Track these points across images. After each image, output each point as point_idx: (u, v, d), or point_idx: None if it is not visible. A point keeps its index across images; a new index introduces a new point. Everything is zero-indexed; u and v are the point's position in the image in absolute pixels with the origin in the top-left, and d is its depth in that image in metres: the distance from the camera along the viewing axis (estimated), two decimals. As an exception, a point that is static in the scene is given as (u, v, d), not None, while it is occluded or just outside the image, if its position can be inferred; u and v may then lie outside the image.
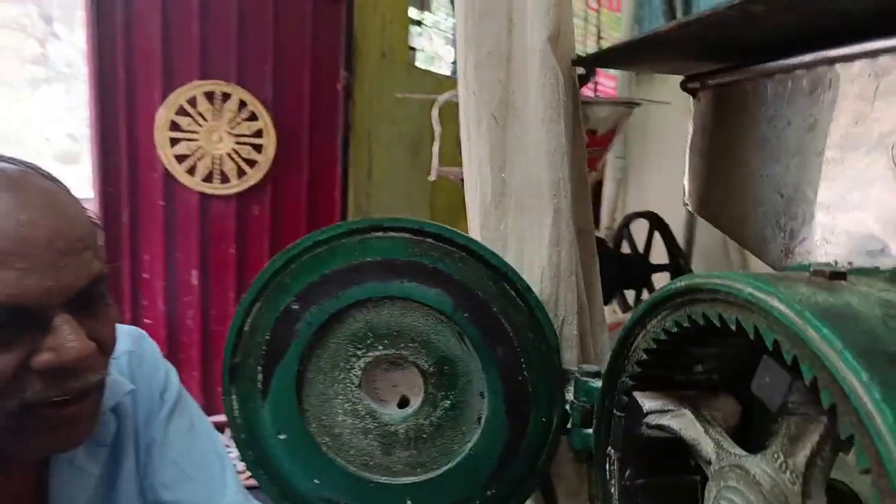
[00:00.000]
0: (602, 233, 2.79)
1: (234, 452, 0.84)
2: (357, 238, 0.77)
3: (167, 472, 0.84)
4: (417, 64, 3.64)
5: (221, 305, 2.60)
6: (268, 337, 0.78)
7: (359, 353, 0.79)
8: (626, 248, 2.32)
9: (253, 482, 0.82)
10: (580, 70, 0.93)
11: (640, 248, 2.24)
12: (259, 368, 0.79)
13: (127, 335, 0.83)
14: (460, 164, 0.89)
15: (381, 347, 0.78)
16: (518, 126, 0.81)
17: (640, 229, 2.25)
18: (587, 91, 2.54)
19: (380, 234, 0.77)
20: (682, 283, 0.58)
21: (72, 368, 0.61)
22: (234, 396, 0.81)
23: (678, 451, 0.69)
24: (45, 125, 2.97)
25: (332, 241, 0.77)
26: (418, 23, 4.05)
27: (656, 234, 2.18)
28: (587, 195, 0.91)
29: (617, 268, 2.14)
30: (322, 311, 0.77)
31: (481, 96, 0.81)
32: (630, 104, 1.85)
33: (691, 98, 0.84)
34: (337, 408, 0.80)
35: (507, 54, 0.80)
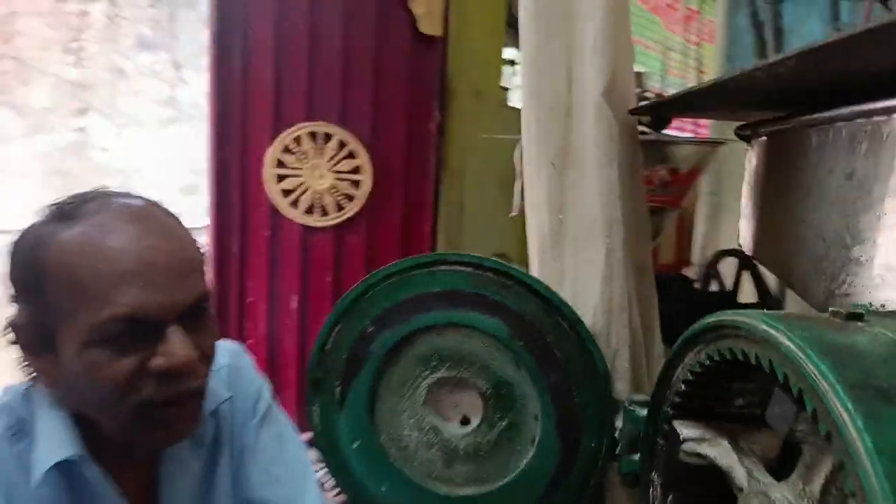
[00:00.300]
0: (693, 270, 2.75)
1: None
2: (426, 270, 0.87)
3: (256, 474, 0.95)
4: (510, 103, 3.76)
5: (318, 330, 2.76)
6: (346, 355, 0.89)
7: (425, 373, 0.88)
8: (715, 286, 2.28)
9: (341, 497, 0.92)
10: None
11: (729, 286, 2.20)
12: (338, 383, 0.89)
13: (227, 350, 0.96)
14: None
15: (444, 369, 0.87)
16: (575, 172, 0.88)
17: (729, 267, 2.22)
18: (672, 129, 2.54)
19: (445, 267, 0.86)
20: (711, 319, 0.63)
21: (179, 372, 0.72)
22: (315, 408, 0.91)
23: (720, 481, 0.72)
24: (172, 160, 3.33)
25: (404, 273, 0.87)
26: (512, 62, 4.18)
27: (746, 273, 2.14)
28: (647, 234, 0.96)
29: (704, 307, 2.11)
30: (394, 335, 0.87)
31: (542, 146, 0.89)
32: (715, 143, 1.86)
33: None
34: (404, 422, 0.89)
35: (566, 107, 0.88)
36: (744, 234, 0.86)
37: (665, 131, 1.94)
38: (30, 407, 0.77)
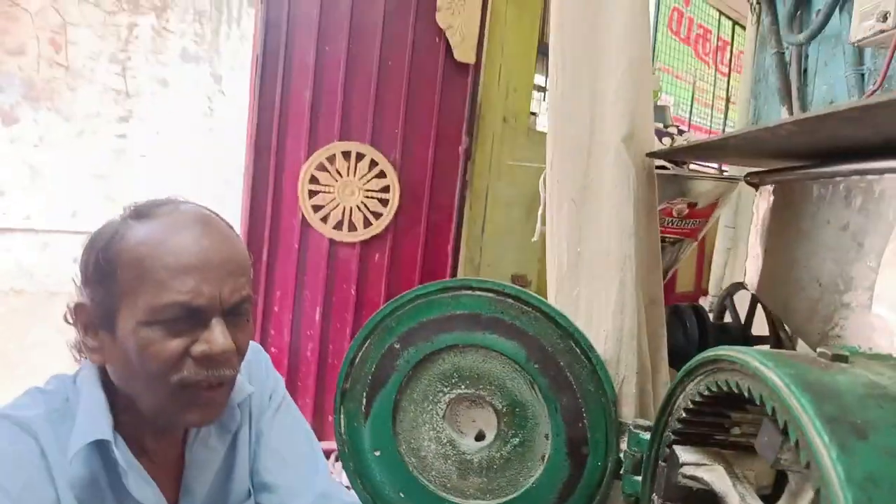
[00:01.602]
0: (708, 301, 2.78)
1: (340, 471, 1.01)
2: (450, 294, 0.94)
3: (269, 459, 1.02)
4: (538, 128, 3.84)
5: (338, 341, 2.85)
6: (373, 369, 0.96)
7: (445, 389, 0.94)
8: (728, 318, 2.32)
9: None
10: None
11: (743, 318, 2.23)
12: (364, 394, 0.96)
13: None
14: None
15: (463, 387, 0.94)
16: (593, 208, 0.95)
17: (743, 299, 2.26)
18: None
19: (468, 292, 0.93)
20: (710, 353, 0.69)
21: (217, 359, 0.81)
22: (342, 416, 0.99)
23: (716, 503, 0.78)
24: (205, 169, 3.46)
25: (430, 295, 0.95)
26: (542, 88, 4.27)
27: (760, 307, 2.18)
28: (658, 269, 1.02)
29: (716, 337, 2.16)
30: (418, 352, 0.94)
31: (564, 184, 0.96)
32: (733, 180, 1.91)
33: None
34: (424, 434, 0.95)
35: (587, 149, 0.95)
36: (750, 273, 0.92)
37: (685, 166, 1.99)
38: (76, 391, 0.87)
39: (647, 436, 0.84)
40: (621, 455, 0.89)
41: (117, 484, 0.83)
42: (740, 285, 2.26)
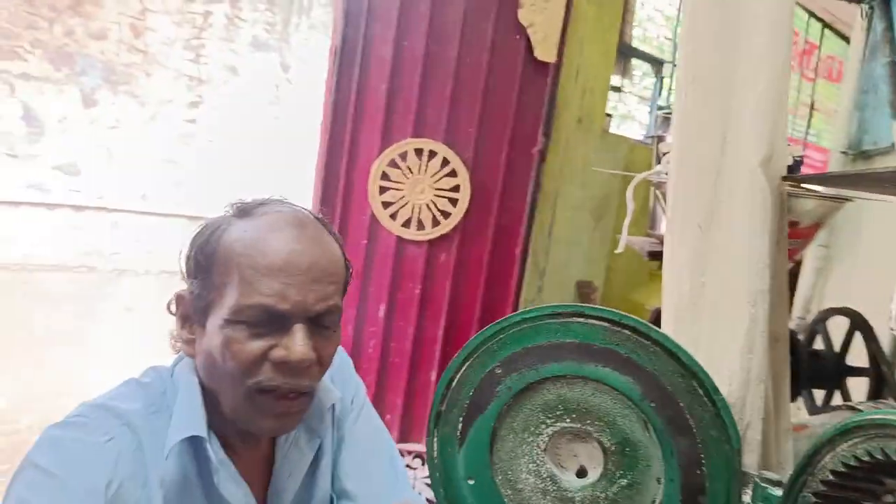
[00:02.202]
0: (793, 322, 2.63)
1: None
2: (560, 320, 0.88)
3: (350, 465, 0.99)
4: (612, 130, 3.73)
5: (401, 339, 2.82)
6: (472, 393, 0.91)
7: (548, 421, 0.88)
8: (818, 344, 2.18)
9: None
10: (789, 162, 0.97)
11: (837, 346, 2.10)
12: (460, 419, 0.91)
13: None
14: (645, 235, 0.96)
15: (568, 420, 0.87)
16: (722, 236, 0.87)
17: (837, 326, 2.12)
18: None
19: (581, 319, 0.87)
20: (876, 415, 0.61)
21: (294, 367, 0.78)
22: (436, 439, 0.94)
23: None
24: (271, 159, 3.50)
25: (538, 320, 0.88)
26: (618, 89, 4.15)
27: (857, 335, 2.04)
28: (786, 305, 0.94)
29: (808, 365, 2.03)
30: (522, 379, 0.88)
31: (688, 205, 0.88)
32: (839, 199, 1.78)
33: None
34: (522, 466, 0.90)
35: (717, 169, 0.87)
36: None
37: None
38: (173, 385, 0.86)
39: (776, 492, 0.77)
40: (744, 509, 0.81)
41: (207, 482, 0.82)
42: (836, 311, 2.12)
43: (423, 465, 2.74)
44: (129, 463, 0.77)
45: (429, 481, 1.49)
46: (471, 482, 0.91)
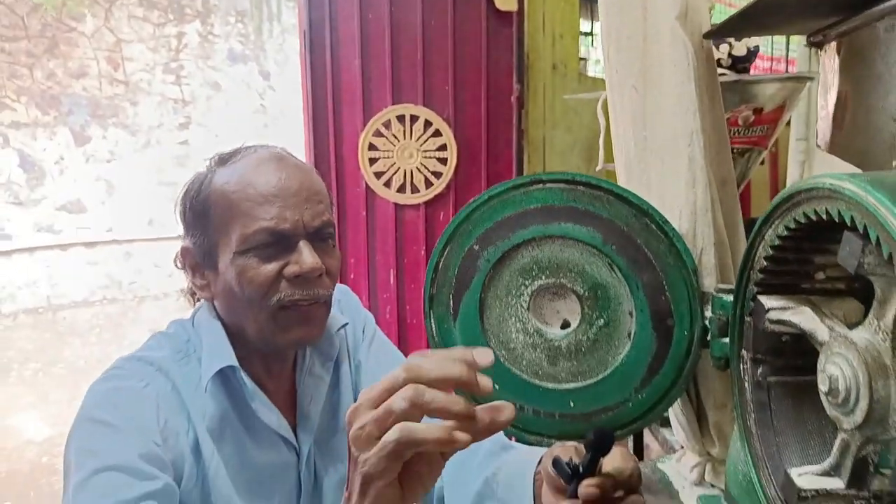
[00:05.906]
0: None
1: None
2: (521, 191, 0.98)
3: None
4: (589, 73, 3.80)
5: (414, 301, 2.93)
6: (456, 272, 1.01)
7: (527, 282, 0.98)
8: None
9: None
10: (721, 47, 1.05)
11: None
12: (450, 297, 1.02)
13: (338, 288, 1.11)
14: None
15: (544, 277, 0.97)
16: (656, 92, 0.96)
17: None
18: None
19: (540, 185, 0.97)
20: (784, 192, 0.70)
21: (309, 278, 0.88)
22: (432, 320, 1.04)
23: (805, 353, 0.79)
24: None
25: (503, 195, 0.98)
26: (588, 33, 4.22)
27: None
28: (727, 149, 1.03)
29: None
30: (497, 250, 0.98)
31: (623, 72, 0.98)
32: (799, 79, 1.84)
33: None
34: (511, 327, 1.00)
35: (643, 35, 0.96)
36: (822, 135, 0.91)
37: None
38: (196, 331, 0.96)
39: (730, 298, 0.86)
40: (707, 322, 0.91)
41: (245, 413, 0.92)
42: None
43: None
44: (169, 401, 0.87)
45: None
46: (469, 352, 1.01)
